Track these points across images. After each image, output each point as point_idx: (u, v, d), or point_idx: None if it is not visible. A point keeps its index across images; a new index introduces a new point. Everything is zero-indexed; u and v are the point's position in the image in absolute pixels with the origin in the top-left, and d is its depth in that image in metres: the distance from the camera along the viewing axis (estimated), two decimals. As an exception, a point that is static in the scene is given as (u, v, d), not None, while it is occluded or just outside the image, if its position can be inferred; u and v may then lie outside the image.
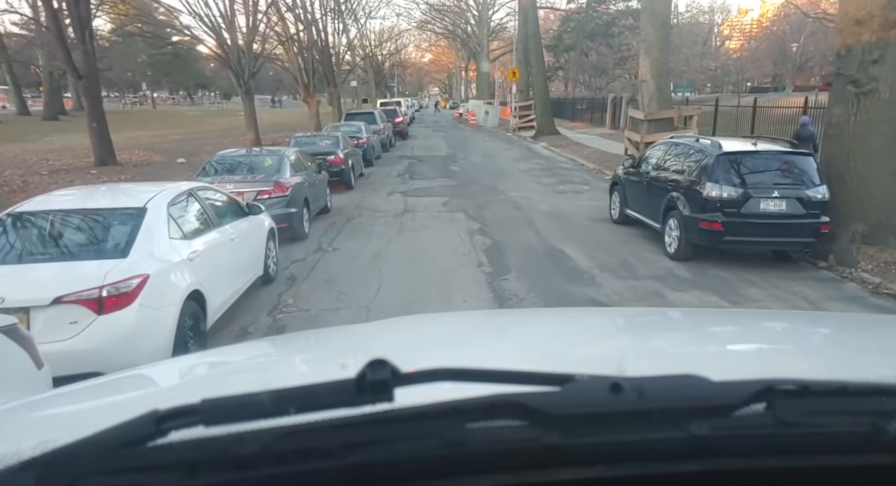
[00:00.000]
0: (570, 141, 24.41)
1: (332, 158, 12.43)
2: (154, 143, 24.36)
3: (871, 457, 0.64)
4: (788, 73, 67.28)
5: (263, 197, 7.59)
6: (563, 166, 17.47)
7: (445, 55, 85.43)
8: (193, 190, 4.96)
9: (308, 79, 27.32)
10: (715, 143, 7.01)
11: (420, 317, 2.28)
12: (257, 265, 5.85)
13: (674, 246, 7.26)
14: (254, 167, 8.26)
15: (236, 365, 1.44)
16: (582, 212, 10.34)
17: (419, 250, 7.83)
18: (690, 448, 0.62)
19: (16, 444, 0.69)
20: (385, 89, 66.50)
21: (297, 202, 8.05)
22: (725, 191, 6.57)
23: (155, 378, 1.40)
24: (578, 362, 0.88)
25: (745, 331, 1.50)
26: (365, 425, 0.59)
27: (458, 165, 17.54)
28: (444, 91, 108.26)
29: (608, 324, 1.65)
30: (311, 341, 1.72)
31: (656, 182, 7.94)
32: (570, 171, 16.36)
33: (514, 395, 0.60)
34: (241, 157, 8.61)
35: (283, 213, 7.65)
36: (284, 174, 8.10)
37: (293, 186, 7.99)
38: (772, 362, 1.21)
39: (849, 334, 1.45)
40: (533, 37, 26.77)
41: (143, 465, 0.58)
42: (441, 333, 1.59)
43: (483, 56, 51.40)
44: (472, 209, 10.61)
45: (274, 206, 7.59)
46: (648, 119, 13.56)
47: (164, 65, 77.30)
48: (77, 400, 1.18)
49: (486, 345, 1.44)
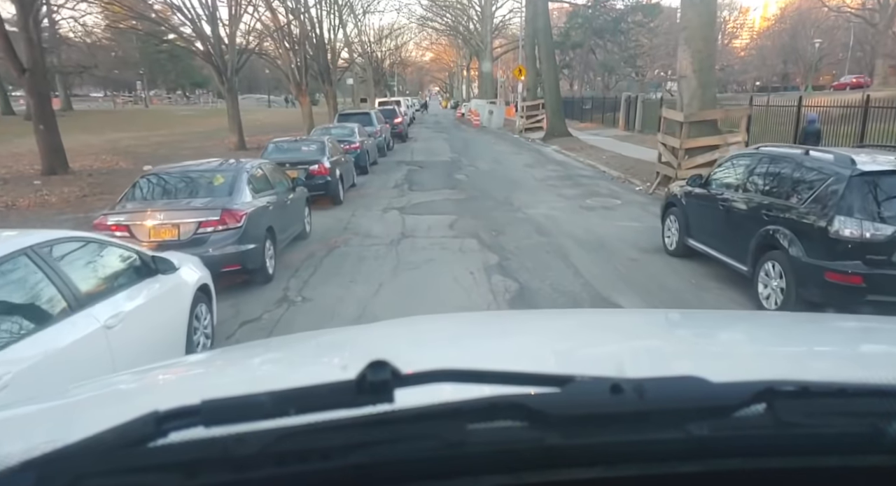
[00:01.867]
0: (583, 144, 22.35)
1: (315, 168, 10.38)
2: (131, 146, 22.37)
3: (871, 458, 0.63)
4: (803, 72, 65.08)
5: (207, 230, 5.54)
6: (583, 174, 15.40)
7: (446, 54, 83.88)
8: (37, 248, 2.88)
9: (300, 76, 25.31)
10: (842, 158, 4.91)
11: (420, 318, 2.31)
12: (172, 350, 3.78)
13: (775, 300, 5.20)
14: (197, 188, 6.13)
15: (236, 366, 1.43)
16: (624, 238, 8.27)
17: (420, 301, 5.76)
18: (691, 449, 0.62)
19: (16, 444, 0.74)
20: (385, 88, 64.66)
21: (257, 235, 5.97)
22: (868, 229, 4.50)
23: (155, 379, 1.39)
24: (579, 363, 1.06)
25: (744, 332, 1.51)
26: (365, 426, 0.58)
27: (464, 173, 15.46)
28: (444, 90, 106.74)
29: (608, 325, 1.64)
30: (311, 342, 1.70)
31: (740, 209, 5.88)
32: (592, 179, 14.28)
33: (515, 396, 0.60)
34: (183, 174, 6.48)
35: (234, 252, 5.60)
36: (239, 197, 6.01)
37: (250, 214, 5.92)
38: (772, 363, 1.20)
39: (849, 335, 1.44)
40: (543, 31, 24.65)
41: (144, 465, 0.58)
42: (441, 334, 1.59)
43: (486, 54, 49.28)
44: (485, 233, 8.55)
45: (222, 242, 5.54)
46: (689, 121, 11.49)
47: (159, 63, 76.06)
48: (77, 400, 1.18)
49: (486, 346, 1.42)
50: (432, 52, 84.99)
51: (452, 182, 13.88)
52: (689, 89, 11.61)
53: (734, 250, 5.88)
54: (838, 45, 63.04)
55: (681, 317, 1.97)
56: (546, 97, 25.11)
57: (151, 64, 74.61)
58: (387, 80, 66.92)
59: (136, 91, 78.43)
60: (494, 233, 8.58)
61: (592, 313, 3.13)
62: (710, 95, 11.85)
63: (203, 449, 0.57)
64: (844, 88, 43.64)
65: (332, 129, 15.83)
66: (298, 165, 10.29)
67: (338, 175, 10.98)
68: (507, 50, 60.68)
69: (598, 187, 12.99)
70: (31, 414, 1.12)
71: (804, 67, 64.97)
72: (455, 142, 25.43)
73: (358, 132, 15.21)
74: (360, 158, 14.47)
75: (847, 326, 1.62)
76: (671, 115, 12.13)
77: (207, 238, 5.47)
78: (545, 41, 24.79)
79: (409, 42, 72.27)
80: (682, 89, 11.85)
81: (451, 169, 16.31)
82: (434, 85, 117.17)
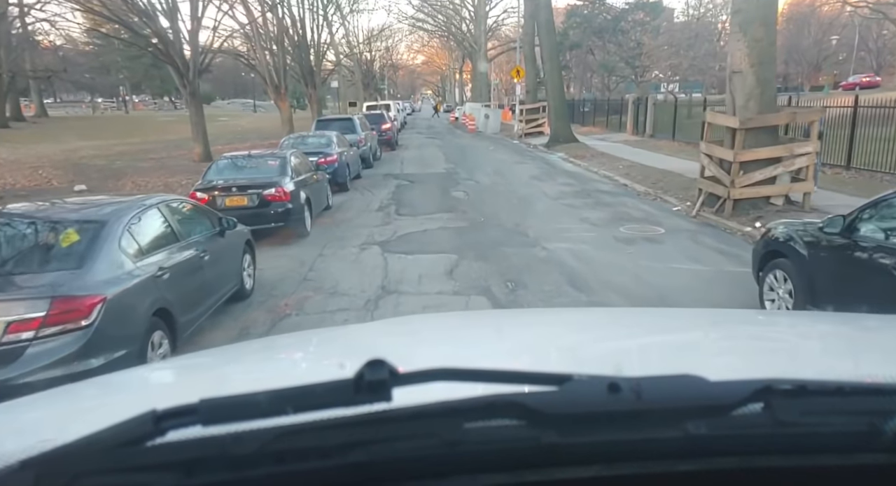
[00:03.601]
0: (592, 150, 20.06)
1: (272, 193, 7.96)
2: (87, 157, 19.90)
3: (868, 456, 0.63)
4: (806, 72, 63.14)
5: (22, 338, 3.10)
6: (603, 189, 13.04)
7: (438, 56, 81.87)
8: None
9: (279, 78, 22.91)
10: None
11: (418, 317, 2.38)
12: None
13: None
14: (23, 256, 3.64)
15: (234, 365, 1.41)
16: (693, 291, 5.89)
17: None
18: (688, 448, 0.62)
19: (15, 443, 0.72)
20: (375, 91, 62.41)
21: (126, 331, 3.53)
22: None
23: (153, 378, 1.41)
24: (576, 362, 1.04)
25: (742, 331, 1.50)
26: (363, 424, 0.58)
27: (462, 189, 13.07)
28: (437, 94, 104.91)
29: (606, 324, 1.64)
30: (309, 340, 1.71)
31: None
32: (615, 197, 11.92)
33: (512, 395, 0.60)
34: (38, 219, 3.97)
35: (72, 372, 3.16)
36: (97, 273, 3.53)
37: (115, 299, 3.48)
38: (769, 361, 1.19)
39: (846, 334, 1.42)
40: (546, 26, 22.29)
41: (142, 464, 0.57)
42: (439, 333, 1.58)
43: (480, 55, 46.95)
44: (498, 286, 6.17)
45: (49, 354, 3.11)
46: (746, 128, 9.15)
47: (144, 68, 74.16)
48: (76, 400, 1.18)
49: (483, 345, 1.41)
50: (424, 55, 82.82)
51: (449, 202, 11.47)
52: (745, 88, 9.27)
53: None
54: (839, 46, 61.27)
55: (678, 315, 1.95)
56: (549, 99, 22.75)
57: (136, 69, 72.60)
58: (377, 83, 64.61)
59: (121, 96, 76.98)
60: (510, 285, 6.20)
61: (590, 311, 3.01)
62: (770, 94, 9.52)
63: (201, 448, 0.57)
64: (854, 87, 41.72)
65: (309, 138, 13.42)
66: (249, 189, 7.89)
67: (303, 200, 8.54)
68: (502, 51, 58.49)
69: (626, 208, 10.61)
70: (29, 413, 1.09)
71: (807, 67, 63.06)
72: (450, 149, 23.04)
73: (337, 142, 12.81)
74: (337, 174, 12.08)
75: (844, 324, 1.59)
76: (721, 120, 9.77)
77: (22, 351, 3.03)
78: (548, 38, 22.44)
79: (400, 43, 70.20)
80: (734, 88, 9.49)
81: (446, 183, 13.92)
82: (426, 88, 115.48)
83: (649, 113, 24.75)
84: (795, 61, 65.18)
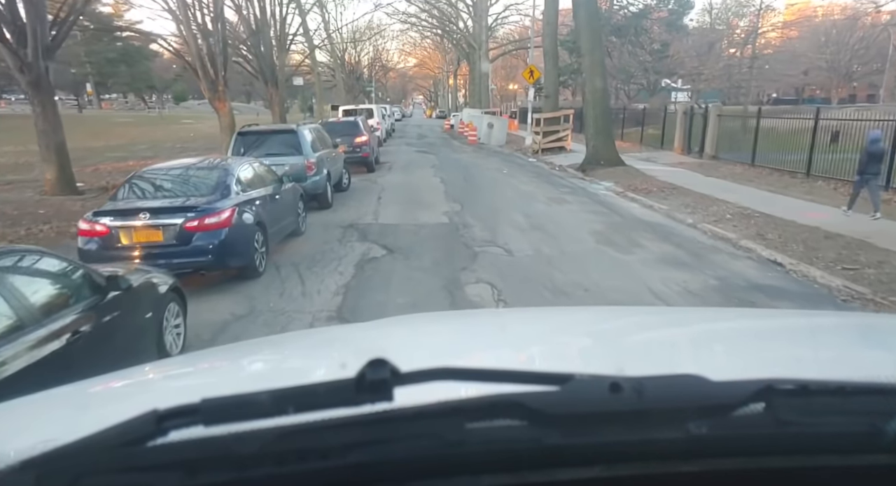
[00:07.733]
0: (653, 180, 14.04)
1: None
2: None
3: (870, 457, 0.63)
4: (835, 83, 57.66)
5: None
6: (718, 260, 6.93)
7: (431, 59, 75.66)
8: None
9: (215, 72, 16.67)
10: None
11: (420, 316, 2.26)
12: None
13: None
14: None
15: (236, 365, 1.39)
16: None
17: None
18: (690, 448, 0.61)
19: (16, 443, 0.70)
20: (362, 94, 56.27)
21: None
22: None
23: (155, 378, 1.39)
24: (578, 362, 1.03)
25: (744, 330, 1.48)
26: (364, 424, 0.58)
27: (484, 274, 6.80)
28: (429, 99, 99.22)
29: (608, 323, 1.61)
30: (311, 340, 1.69)
31: None
32: (762, 289, 5.75)
33: (514, 395, 0.60)
34: None
35: None
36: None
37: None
38: (771, 361, 1.16)
39: (848, 334, 1.41)
40: (586, 6, 16.10)
41: (144, 464, 0.57)
42: (441, 332, 1.55)
43: (481, 54, 40.79)
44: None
45: None
46: None
47: (112, 64, 67.99)
48: (77, 399, 1.15)
49: (485, 344, 1.40)
50: (416, 57, 76.66)
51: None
52: None
53: None
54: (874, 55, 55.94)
55: (680, 315, 1.95)
56: (588, 106, 16.47)
57: (102, 65, 66.22)
58: (364, 85, 58.45)
59: (89, 94, 71.30)
60: None
61: (592, 310, 2.90)
62: None
63: (203, 448, 0.57)
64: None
65: (172, 172, 7.10)
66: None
67: None
68: (501, 53, 52.50)
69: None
70: (30, 413, 1.07)
71: (837, 79, 57.61)
72: (450, 172, 16.77)
73: (240, 179, 6.52)
74: (225, 250, 5.78)
75: (846, 323, 1.59)
76: None
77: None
78: (589, 24, 16.17)
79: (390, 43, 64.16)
80: None
81: (452, 256, 7.64)
82: (418, 93, 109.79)
83: (710, 127, 18.71)
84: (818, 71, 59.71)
